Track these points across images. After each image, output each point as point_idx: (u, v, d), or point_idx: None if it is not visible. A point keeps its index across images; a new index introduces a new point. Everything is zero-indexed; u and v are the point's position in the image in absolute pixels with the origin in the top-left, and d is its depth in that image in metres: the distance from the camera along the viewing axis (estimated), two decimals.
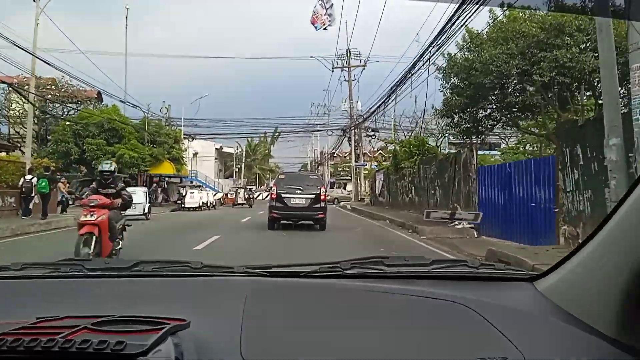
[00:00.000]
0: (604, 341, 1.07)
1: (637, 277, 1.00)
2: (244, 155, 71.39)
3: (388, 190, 29.09)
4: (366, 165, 44.59)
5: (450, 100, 19.13)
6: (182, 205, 31.59)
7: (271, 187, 16.95)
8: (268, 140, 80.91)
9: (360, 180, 43.56)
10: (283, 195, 15.34)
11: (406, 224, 17.13)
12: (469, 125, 20.03)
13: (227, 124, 48.32)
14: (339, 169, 75.34)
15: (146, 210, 21.21)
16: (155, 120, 36.74)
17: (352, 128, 42.75)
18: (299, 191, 15.34)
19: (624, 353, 1.03)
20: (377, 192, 32.08)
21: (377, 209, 27.05)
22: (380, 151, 45.60)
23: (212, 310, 1.30)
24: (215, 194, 44.96)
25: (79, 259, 1.97)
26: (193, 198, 31.71)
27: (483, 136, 21.73)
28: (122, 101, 33.64)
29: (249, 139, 75.74)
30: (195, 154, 68.28)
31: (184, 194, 32.30)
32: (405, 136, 43.76)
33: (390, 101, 30.62)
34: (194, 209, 31.30)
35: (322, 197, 15.53)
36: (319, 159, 78.33)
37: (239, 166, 71.92)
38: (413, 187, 23.40)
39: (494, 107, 20.36)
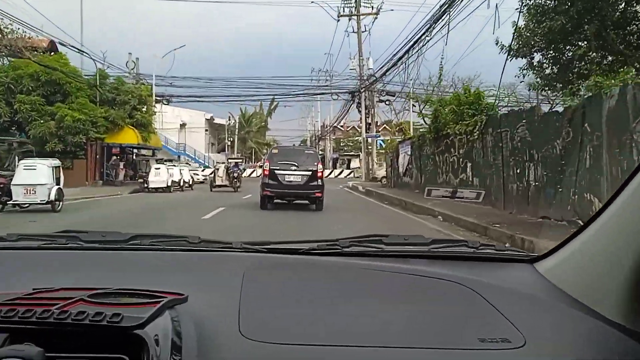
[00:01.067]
0: (605, 324, 1.04)
1: None
2: (237, 127, 62.88)
3: (419, 168, 20.95)
4: (379, 137, 36.37)
5: (531, 28, 13.83)
6: (145, 186, 23.49)
7: (264, 163, 15.76)
8: (264, 112, 72.52)
9: (372, 155, 35.39)
10: (276, 171, 13.93)
11: (490, 228, 9.18)
12: (552, 70, 14.75)
13: (212, 85, 39.13)
14: (342, 144, 66.98)
15: (52, 197, 13.01)
16: (117, 76, 28.24)
17: (363, 90, 34.40)
18: (293, 167, 14.02)
19: (627, 337, 1.01)
20: (400, 169, 23.95)
21: (407, 195, 18.96)
22: (398, 125, 37.10)
23: (210, 285, 1.28)
24: (203, 170, 36.74)
25: (76, 231, 1.67)
26: (159, 176, 23.46)
27: (574, 87, 13.70)
28: (80, 51, 25.27)
29: (243, 108, 67.28)
30: (182, 125, 60.05)
31: (147, 171, 24.13)
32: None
33: (413, 53, 22.40)
34: (162, 189, 23.17)
35: (319, 174, 14.22)
36: (319, 133, 69.95)
37: (231, 139, 63.47)
38: (469, 164, 15.24)
39: (594, 43, 13.10)
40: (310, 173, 14.16)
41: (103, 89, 26.43)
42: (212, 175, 25.47)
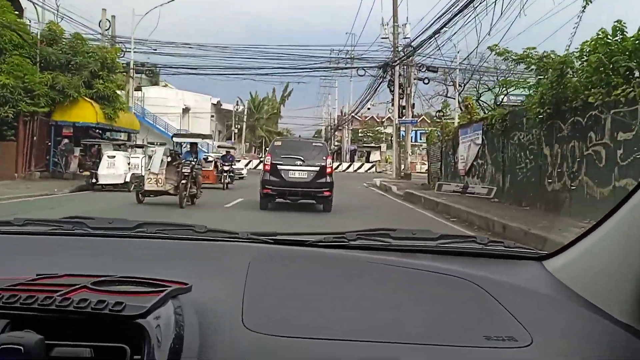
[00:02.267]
0: (614, 324, 1.01)
1: None
2: (245, 113, 55.31)
3: (500, 164, 13.21)
4: (416, 122, 28.56)
5: None
6: (93, 181, 16.01)
7: (264, 156, 13.66)
8: (277, 98, 64.87)
9: (407, 147, 27.61)
10: (279, 166, 11.73)
11: None
12: None
13: (207, 55, 30.98)
14: (360, 134, 59.15)
15: None
16: (75, 33, 20.56)
17: (398, 63, 26.55)
18: (298, 162, 11.82)
19: (635, 338, 0.97)
20: (461, 166, 16.15)
21: (484, 206, 11.34)
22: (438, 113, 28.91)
23: (214, 275, 1.24)
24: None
25: (83, 217, 1.64)
26: (113, 168, 15.90)
27: None
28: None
29: (253, 93, 59.61)
30: (186, 110, 52.71)
31: (97, 161, 16.50)
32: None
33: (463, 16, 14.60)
34: (117, 186, 15.70)
35: (328, 169, 12.02)
36: (335, 123, 62.22)
37: (239, 126, 55.90)
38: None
39: None
40: (317, 169, 11.97)
41: (54, 48, 18.92)
42: (146, 170, 13.41)
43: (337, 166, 38.44)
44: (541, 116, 10.52)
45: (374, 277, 1.29)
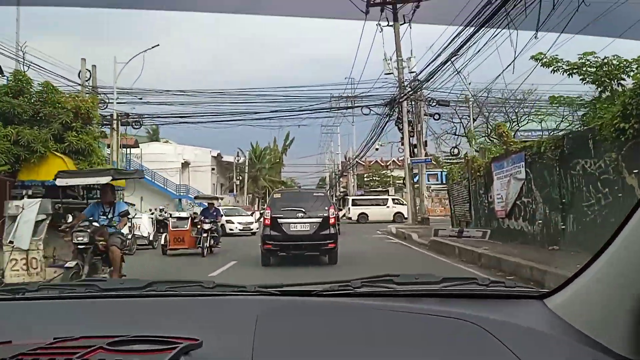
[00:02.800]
0: None
1: None
2: (247, 164, 52.87)
3: (558, 205, 10.25)
4: (429, 161, 25.77)
5: None
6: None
7: (264, 211, 12.23)
8: (279, 147, 62.64)
9: (422, 188, 24.69)
10: (280, 220, 11.05)
11: None
12: None
13: (199, 101, 28.23)
14: (366, 179, 56.41)
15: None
16: (45, 81, 18.16)
17: (404, 98, 24.06)
18: (300, 214, 11.17)
19: None
20: (500, 206, 13.13)
21: (542, 257, 8.39)
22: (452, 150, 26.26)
23: (224, 329, 1.26)
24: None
25: (95, 279, 1.94)
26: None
27: None
28: None
29: (254, 143, 57.38)
30: (185, 164, 50.40)
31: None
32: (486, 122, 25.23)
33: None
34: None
35: (332, 220, 11.31)
36: (339, 170, 59.68)
37: (240, 178, 53.37)
38: None
39: None
40: (320, 220, 11.11)
41: (20, 100, 16.50)
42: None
43: (344, 213, 35.56)
44: (623, 134, 7.69)
45: (379, 324, 1.28)
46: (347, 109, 26.36)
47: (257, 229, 21.52)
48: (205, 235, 14.06)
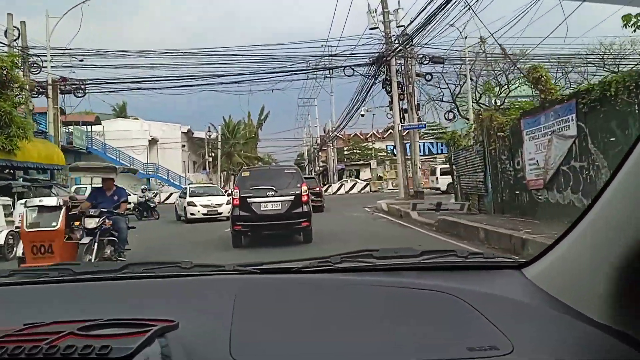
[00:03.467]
0: (594, 327, 1.01)
1: (625, 261, 0.93)
2: (219, 139, 48.90)
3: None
4: (423, 127, 22.56)
5: None
6: None
7: (232, 190, 11.76)
8: (254, 122, 58.69)
9: (414, 157, 21.45)
10: (249, 199, 10.36)
11: None
12: None
13: (152, 64, 23.65)
14: (347, 152, 53.13)
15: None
16: None
17: (392, 56, 20.62)
18: (270, 192, 10.44)
19: (615, 339, 0.97)
20: (538, 174, 9.98)
21: None
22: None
23: (201, 310, 1.23)
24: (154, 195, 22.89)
25: (69, 263, 1.80)
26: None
27: None
28: None
29: (227, 118, 53.30)
30: (153, 141, 46.32)
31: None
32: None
33: None
34: None
35: (304, 197, 10.53)
36: (318, 143, 56.20)
37: (212, 154, 49.50)
38: None
39: None
40: (292, 198, 10.43)
41: None
42: None
43: (327, 188, 32.33)
44: None
45: (359, 298, 1.27)
46: (327, 70, 22.71)
47: (229, 212, 17.84)
48: (90, 240, 7.33)
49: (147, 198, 21.54)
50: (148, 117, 48.75)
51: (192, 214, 18.09)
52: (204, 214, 18.10)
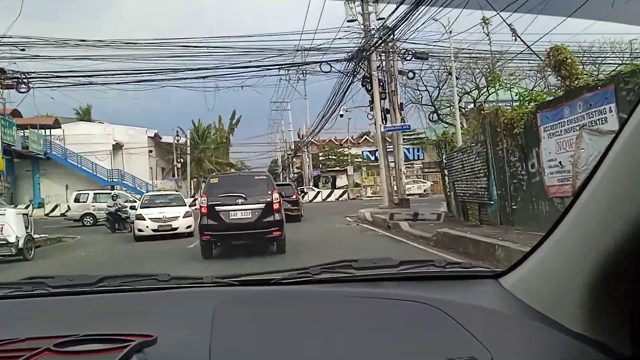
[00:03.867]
0: (569, 336, 1.00)
1: (600, 270, 0.92)
2: (188, 144, 46.28)
3: None
4: (408, 128, 20.66)
5: None
6: None
7: (200, 198, 11.03)
8: (225, 127, 56.27)
9: (398, 162, 19.54)
10: (217, 207, 9.65)
11: None
12: None
13: (112, 55, 21.04)
14: (322, 157, 51.21)
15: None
16: None
17: (372, 51, 18.74)
18: (240, 200, 9.73)
19: (590, 348, 0.97)
20: (564, 178, 8.12)
21: None
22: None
23: (180, 323, 1.20)
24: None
25: (42, 277, 1.60)
26: None
27: None
28: None
29: (196, 121, 50.66)
30: (118, 146, 43.49)
31: None
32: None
33: None
34: None
35: (275, 205, 9.86)
36: (292, 149, 54.08)
37: (181, 160, 46.89)
38: None
39: None
40: (263, 206, 9.74)
41: None
42: None
43: (303, 196, 30.23)
44: None
45: (339, 310, 1.26)
46: (302, 66, 20.70)
47: (190, 227, 14.74)
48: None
49: (118, 207, 18.53)
50: (115, 122, 45.94)
51: (139, 230, 14.51)
52: (153, 230, 14.48)
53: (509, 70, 19.54)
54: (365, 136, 57.61)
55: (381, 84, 19.65)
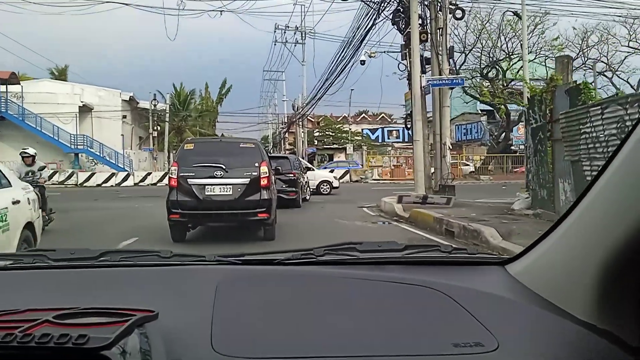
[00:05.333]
0: (577, 325, 0.98)
1: (609, 259, 0.90)
2: (168, 110, 39.71)
3: None
4: (462, 83, 14.66)
5: None
6: None
7: (170, 168, 9.26)
8: (212, 96, 49.65)
9: (442, 133, 13.49)
10: (190, 180, 7.88)
11: None
12: None
13: None
14: (318, 133, 45.14)
15: None
16: None
17: None
18: (219, 172, 7.87)
19: (598, 337, 0.94)
20: None
21: None
22: None
23: (182, 300, 1.17)
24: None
25: (43, 249, 1.58)
26: None
27: None
28: None
29: (177, 86, 43.93)
30: (86, 109, 36.97)
31: None
32: None
33: None
34: None
35: (263, 181, 7.92)
36: (285, 123, 47.72)
37: (157, 128, 40.31)
38: None
39: None
40: (247, 181, 7.85)
41: None
42: None
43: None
44: None
45: (342, 292, 1.24)
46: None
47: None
48: None
49: (33, 180, 12.60)
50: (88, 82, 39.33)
51: None
52: None
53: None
54: (364, 114, 51.85)
55: (422, 21, 13.54)
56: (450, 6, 13.36)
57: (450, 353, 0.93)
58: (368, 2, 14.10)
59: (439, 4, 13.21)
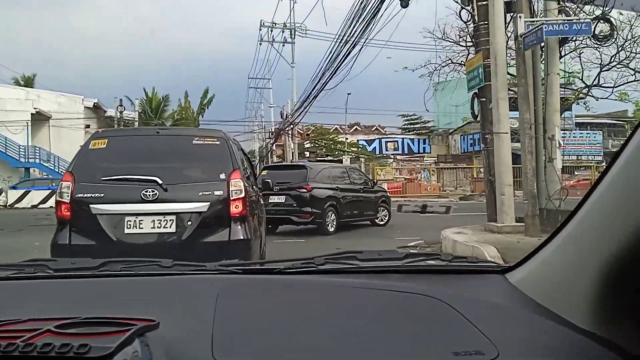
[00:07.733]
0: (577, 333, 0.96)
1: (608, 267, 0.89)
2: (137, 118, 33.56)
3: None
4: (587, 31, 8.97)
5: None
6: None
7: (60, 185, 4.48)
8: (192, 106, 43.64)
9: (552, 125, 7.77)
10: (96, 207, 4.22)
11: None
12: None
13: None
14: (309, 144, 39.54)
15: None
16: None
17: None
18: (150, 192, 4.17)
19: (598, 345, 0.93)
20: None
21: None
22: None
23: (182, 309, 1.15)
24: None
25: (44, 259, 1.52)
26: None
27: None
28: None
29: (150, 91, 37.85)
30: (42, 117, 30.90)
31: None
32: None
33: None
34: None
35: (236, 206, 4.25)
36: (271, 134, 41.89)
37: None
38: None
39: None
40: (204, 207, 4.27)
41: None
42: None
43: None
44: None
45: (343, 300, 1.22)
46: None
47: None
48: None
49: None
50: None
51: None
52: None
53: None
54: (356, 126, 46.83)
55: None
56: None
57: None
58: None
59: None
